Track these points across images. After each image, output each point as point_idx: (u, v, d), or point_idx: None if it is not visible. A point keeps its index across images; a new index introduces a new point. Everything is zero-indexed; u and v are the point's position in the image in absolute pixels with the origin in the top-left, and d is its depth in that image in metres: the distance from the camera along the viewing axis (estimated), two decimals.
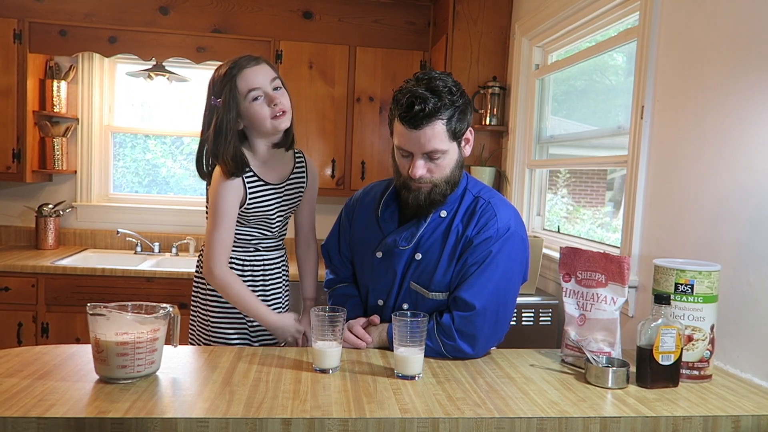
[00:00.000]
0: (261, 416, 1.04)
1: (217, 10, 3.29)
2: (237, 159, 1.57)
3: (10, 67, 3.13)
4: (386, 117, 3.36)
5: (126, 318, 1.17)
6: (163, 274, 2.99)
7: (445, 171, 1.43)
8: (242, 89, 1.55)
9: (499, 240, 1.42)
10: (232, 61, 1.58)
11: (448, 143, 1.40)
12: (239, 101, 1.55)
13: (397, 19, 3.41)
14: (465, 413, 1.09)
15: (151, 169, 3.77)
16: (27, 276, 2.93)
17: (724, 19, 1.54)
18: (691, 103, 1.65)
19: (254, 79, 1.55)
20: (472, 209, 1.47)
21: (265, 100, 1.56)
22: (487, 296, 1.40)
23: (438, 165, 1.41)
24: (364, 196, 1.66)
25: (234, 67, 1.56)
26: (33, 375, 1.17)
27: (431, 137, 1.37)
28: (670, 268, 1.32)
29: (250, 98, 1.55)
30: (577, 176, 4.42)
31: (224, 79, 1.55)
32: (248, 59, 1.58)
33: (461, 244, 1.45)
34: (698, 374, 1.32)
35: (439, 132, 1.37)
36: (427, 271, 1.47)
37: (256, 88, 1.55)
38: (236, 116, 1.56)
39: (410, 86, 1.38)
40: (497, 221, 1.44)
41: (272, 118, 1.58)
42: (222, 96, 1.55)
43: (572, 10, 2.38)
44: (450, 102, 1.36)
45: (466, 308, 1.40)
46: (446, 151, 1.40)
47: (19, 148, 3.17)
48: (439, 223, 1.48)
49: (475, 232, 1.44)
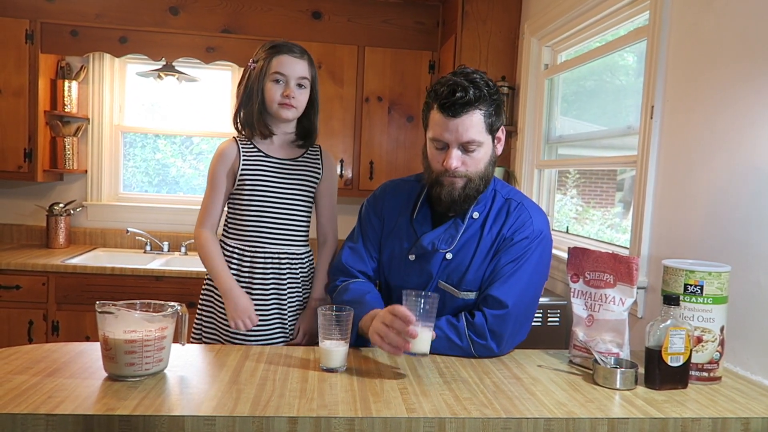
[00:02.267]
0: (267, 415, 1.04)
1: (227, 10, 3.30)
2: (252, 123, 1.71)
3: (21, 68, 3.16)
4: (395, 117, 3.39)
5: (134, 316, 1.18)
6: (172, 273, 3.01)
7: (479, 165, 1.43)
8: (273, 67, 1.69)
9: (535, 241, 1.44)
10: (283, 42, 1.73)
11: (485, 135, 1.41)
12: (266, 75, 1.70)
13: (406, 19, 3.41)
14: (472, 413, 1.08)
15: (161, 169, 3.80)
16: (38, 274, 2.96)
17: (734, 19, 1.53)
18: (701, 104, 1.64)
19: (286, 66, 1.69)
20: (506, 211, 1.48)
21: (281, 86, 1.69)
22: (518, 295, 1.41)
23: (473, 158, 1.41)
24: (391, 195, 1.62)
25: (281, 48, 1.70)
26: (42, 372, 1.18)
27: (469, 126, 1.37)
28: (680, 269, 1.31)
29: (272, 78, 1.69)
30: (587, 177, 4.40)
31: (268, 51, 1.70)
32: (295, 48, 1.73)
33: (497, 244, 1.45)
34: (708, 376, 1.31)
35: (477, 122, 1.38)
36: (459, 271, 1.47)
37: (283, 75, 1.69)
38: (261, 86, 1.70)
39: (449, 78, 1.41)
40: (533, 223, 1.45)
41: (279, 103, 1.69)
42: (257, 63, 1.71)
43: (581, 9, 2.37)
44: (488, 95, 1.39)
45: (499, 306, 1.40)
46: (482, 144, 1.41)
47: (30, 148, 3.20)
48: (472, 224, 1.49)
49: (511, 233, 1.45)
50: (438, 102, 1.39)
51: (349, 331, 1.31)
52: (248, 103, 1.71)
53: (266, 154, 1.73)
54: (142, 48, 3.27)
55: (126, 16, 3.24)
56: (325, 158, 1.83)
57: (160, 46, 3.27)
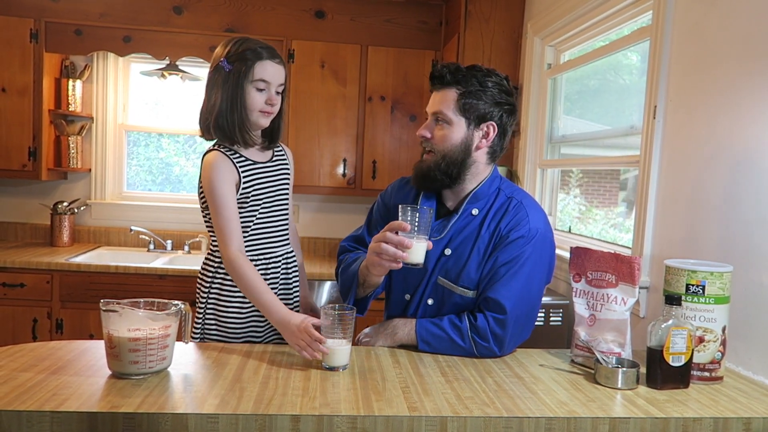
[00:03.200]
0: (270, 413, 1.04)
1: (230, 9, 3.31)
2: (235, 131, 1.62)
3: (26, 67, 3.17)
4: (398, 116, 3.40)
5: (138, 314, 1.19)
6: (175, 271, 3.02)
7: (444, 143, 1.48)
8: (256, 75, 1.61)
9: (531, 241, 1.44)
10: (256, 42, 1.63)
11: (456, 115, 1.47)
12: (248, 81, 1.61)
13: (409, 19, 3.41)
14: (473, 412, 1.09)
15: (164, 168, 3.81)
16: (42, 273, 2.97)
17: (737, 19, 1.53)
18: (704, 104, 1.64)
19: (270, 74, 1.63)
20: (506, 208, 1.49)
21: (264, 94, 1.63)
22: (517, 298, 1.42)
23: (438, 134, 1.48)
24: (399, 188, 1.68)
25: (259, 52, 1.62)
26: (47, 370, 1.19)
27: (441, 100, 1.47)
28: (681, 269, 1.31)
29: (255, 85, 1.62)
30: (590, 176, 4.39)
31: (245, 54, 1.61)
32: (273, 53, 1.65)
33: (494, 240, 1.47)
34: (709, 376, 1.31)
35: (450, 99, 1.47)
36: (457, 267, 1.49)
37: (267, 82, 1.63)
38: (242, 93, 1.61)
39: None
40: (529, 222, 1.46)
41: (260, 110, 1.63)
42: (233, 67, 1.61)
43: (585, 9, 2.37)
44: (475, 80, 1.46)
45: (499, 310, 1.41)
46: (451, 121, 1.47)
47: (35, 147, 3.21)
48: (471, 221, 1.50)
49: (507, 230, 1.46)
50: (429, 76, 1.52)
51: (352, 330, 1.32)
52: (231, 109, 1.61)
53: (253, 161, 1.68)
54: (146, 47, 3.28)
55: (130, 16, 3.25)
56: (289, 155, 1.83)
57: (163, 45, 3.28)
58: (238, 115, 1.62)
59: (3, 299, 2.96)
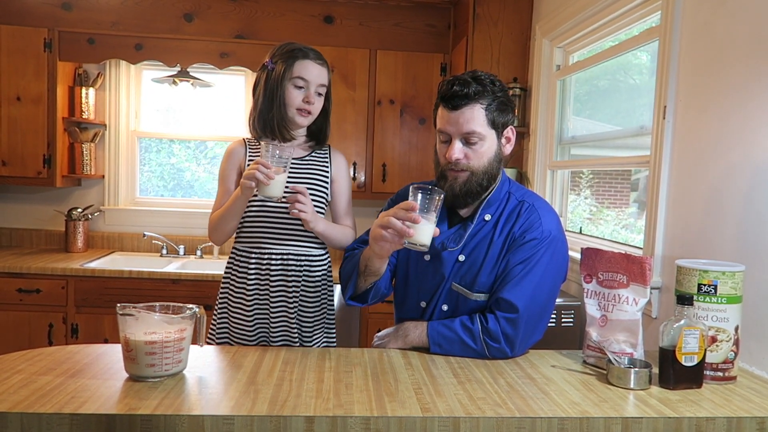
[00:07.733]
0: (285, 414, 1.06)
1: (240, 16, 3.34)
2: (274, 127, 1.71)
3: (40, 75, 3.22)
4: (407, 120, 3.41)
5: (154, 318, 1.20)
6: (188, 276, 3.04)
7: (482, 159, 1.46)
8: (295, 72, 1.68)
9: (544, 243, 1.44)
10: (302, 45, 1.72)
11: (487, 129, 1.44)
12: (287, 78, 1.68)
13: (418, 22, 3.43)
14: (486, 413, 1.10)
15: (176, 173, 3.84)
16: (57, 278, 3.01)
17: (747, 19, 1.52)
18: (714, 104, 1.64)
19: (310, 73, 1.69)
20: (518, 212, 1.49)
21: (302, 92, 1.69)
22: (529, 298, 1.42)
23: (475, 151, 1.44)
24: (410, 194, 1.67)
25: (303, 53, 1.70)
26: (65, 373, 1.21)
27: (470, 118, 1.42)
28: (693, 269, 1.31)
29: (294, 82, 1.68)
30: (601, 177, 4.38)
31: (289, 54, 1.69)
32: (318, 55, 1.72)
33: (507, 244, 1.47)
34: (722, 375, 1.31)
35: (478, 115, 1.43)
36: (471, 273, 1.48)
37: (306, 80, 1.69)
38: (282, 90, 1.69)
39: (455, 75, 1.46)
40: (542, 224, 1.46)
41: (297, 108, 1.69)
42: (276, 65, 1.69)
43: (593, 10, 2.37)
44: (491, 91, 1.43)
45: (510, 310, 1.41)
46: (484, 137, 1.44)
47: (49, 154, 3.26)
48: (483, 226, 1.50)
49: (520, 232, 1.46)
50: (441, 96, 1.45)
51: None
52: (270, 106, 1.70)
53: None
54: (158, 54, 3.32)
55: (141, 24, 3.29)
56: (333, 157, 1.82)
57: (174, 52, 3.32)
58: (277, 111, 1.69)
59: (19, 305, 3.00)
